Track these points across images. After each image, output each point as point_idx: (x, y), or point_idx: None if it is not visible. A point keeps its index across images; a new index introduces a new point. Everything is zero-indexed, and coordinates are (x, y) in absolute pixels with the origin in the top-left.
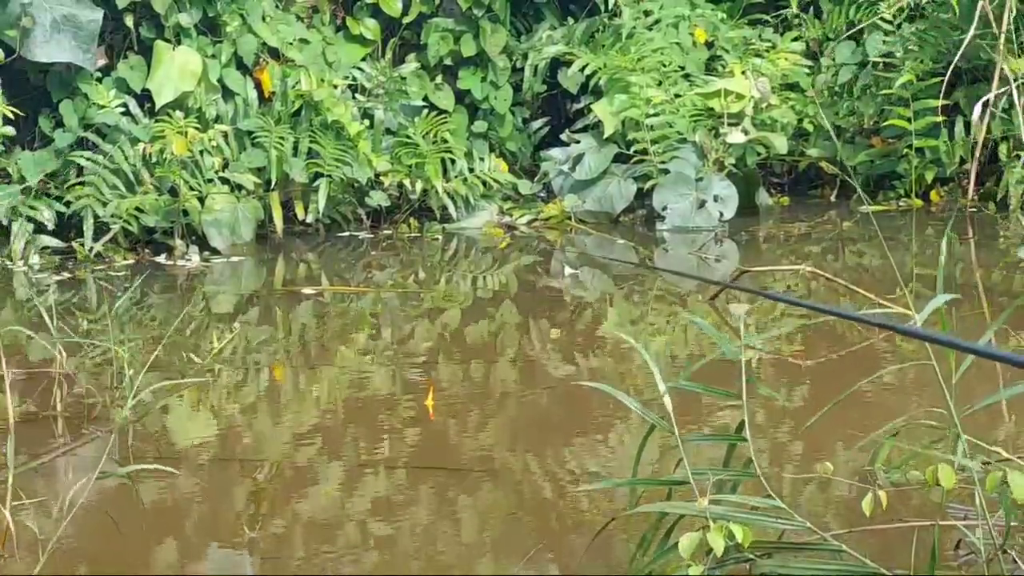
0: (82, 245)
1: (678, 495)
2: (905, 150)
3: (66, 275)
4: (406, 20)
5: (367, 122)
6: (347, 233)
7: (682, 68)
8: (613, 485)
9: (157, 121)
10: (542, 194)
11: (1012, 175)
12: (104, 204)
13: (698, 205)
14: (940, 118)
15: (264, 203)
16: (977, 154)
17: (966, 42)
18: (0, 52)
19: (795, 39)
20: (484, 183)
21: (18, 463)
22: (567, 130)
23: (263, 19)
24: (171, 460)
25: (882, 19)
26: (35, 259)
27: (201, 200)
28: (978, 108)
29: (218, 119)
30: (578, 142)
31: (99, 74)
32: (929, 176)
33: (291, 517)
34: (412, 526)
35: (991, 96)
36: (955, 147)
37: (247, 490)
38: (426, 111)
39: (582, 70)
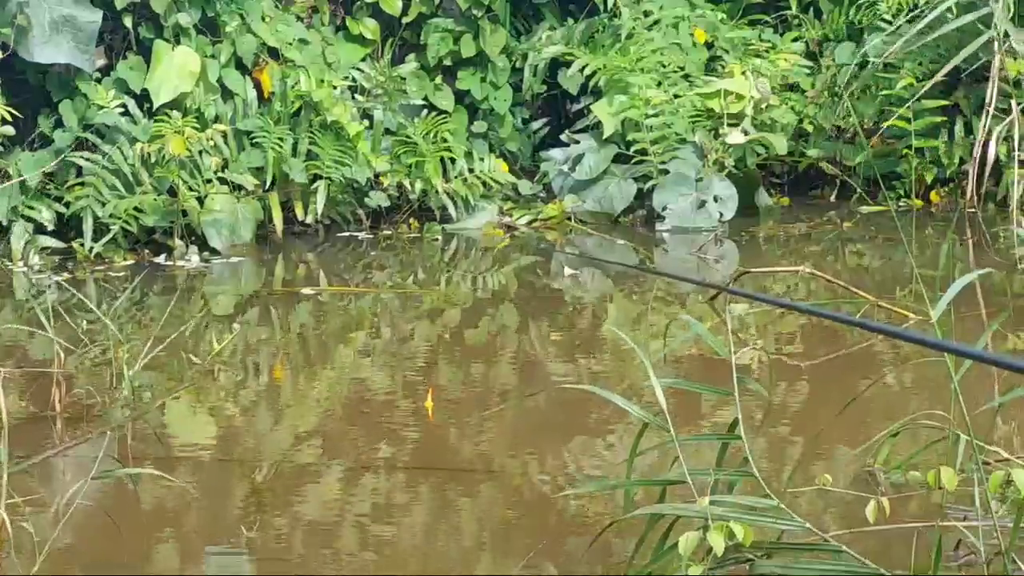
0: (82, 245)
1: (676, 495)
2: (905, 150)
3: (66, 275)
4: (406, 20)
5: (366, 122)
6: (347, 233)
7: (682, 68)
8: (608, 487)
9: (156, 121)
10: (542, 194)
11: (1011, 175)
12: (103, 204)
13: (698, 205)
14: (940, 118)
15: (263, 203)
16: (976, 155)
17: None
18: None
19: (795, 39)
20: (484, 183)
21: (13, 463)
22: (567, 130)
23: (262, 19)
24: (169, 460)
25: (882, 19)
26: (35, 259)
27: (200, 200)
28: (992, 146)
29: (217, 119)
30: (578, 142)
31: (98, 74)
32: (929, 176)
33: (290, 517)
34: (411, 526)
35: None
36: (955, 148)
37: (246, 490)
38: (426, 111)
39: (582, 70)
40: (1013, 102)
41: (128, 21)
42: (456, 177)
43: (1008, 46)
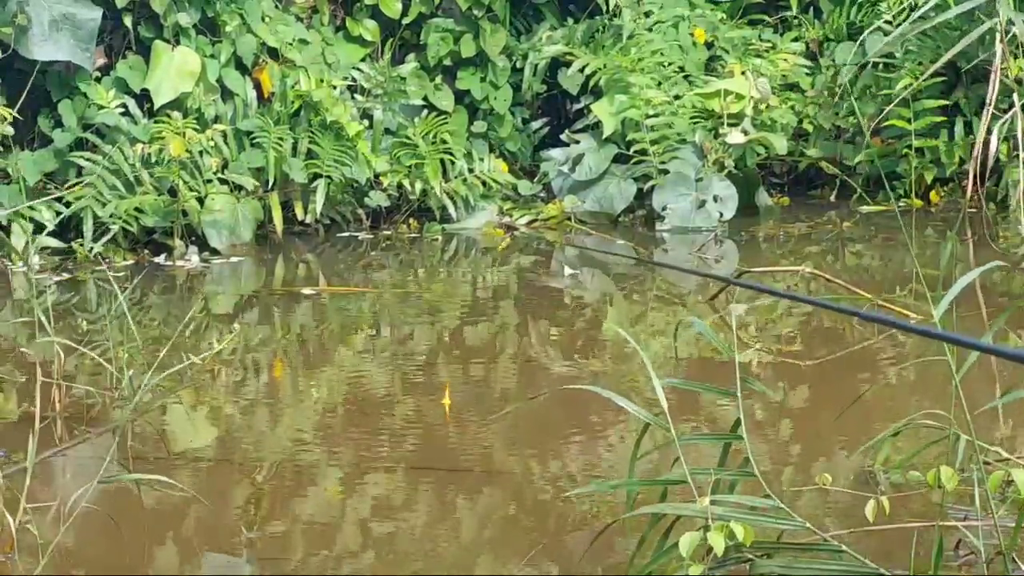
0: (82, 245)
1: (677, 495)
2: (905, 150)
3: (66, 275)
4: (406, 21)
5: (366, 122)
6: (347, 233)
7: (682, 69)
8: (608, 488)
9: (156, 121)
10: (542, 194)
11: (1012, 175)
12: (104, 204)
13: (698, 205)
14: (941, 118)
15: (263, 203)
16: (977, 154)
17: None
18: None
19: (795, 39)
20: (484, 183)
21: (12, 463)
22: (567, 130)
23: (262, 19)
24: (169, 460)
25: (882, 19)
26: (35, 259)
27: (200, 200)
28: (994, 140)
29: (217, 119)
30: (578, 142)
31: (98, 74)
32: (929, 176)
33: (291, 518)
34: (412, 526)
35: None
36: (955, 147)
37: (246, 490)
38: (426, 111)
39: (582, 70)
40: (1016, 97)
41: (128, 20)
42: (456, 177)
43: (1012, 35)
